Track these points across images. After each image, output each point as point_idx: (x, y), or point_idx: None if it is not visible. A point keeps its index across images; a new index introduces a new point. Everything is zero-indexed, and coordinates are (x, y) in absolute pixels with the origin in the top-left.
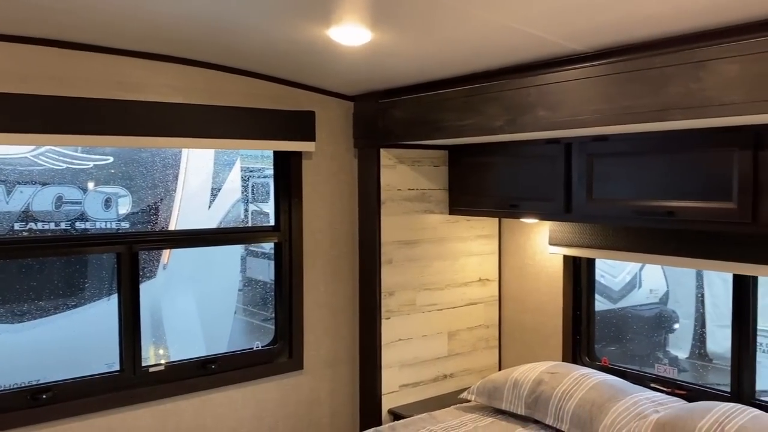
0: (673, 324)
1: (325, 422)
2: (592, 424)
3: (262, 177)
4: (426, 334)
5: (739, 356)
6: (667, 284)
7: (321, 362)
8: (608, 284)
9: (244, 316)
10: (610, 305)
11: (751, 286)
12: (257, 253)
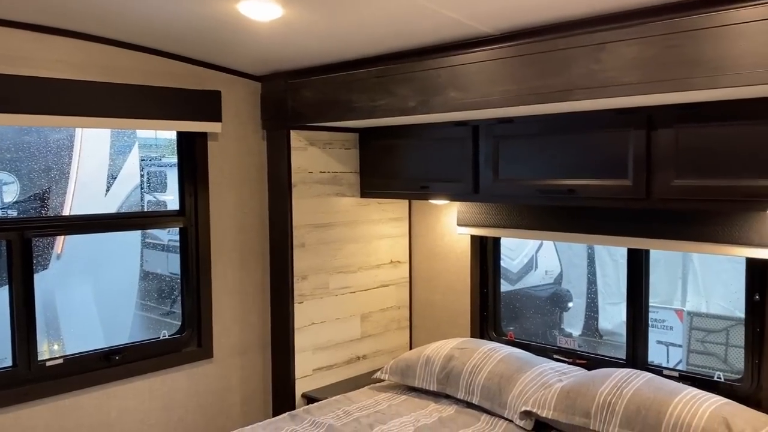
0: (568, 303)
1: (237, 410)
2: (501, 396)
3: (160, 166)
4: (339, 317)
5: (634, 325)
6: (561, 266)
7: (231, 350)
8: (507, 267)
9: (142, 311)
10: (510, 287)
11: (644, 259)
12: (154, 245)
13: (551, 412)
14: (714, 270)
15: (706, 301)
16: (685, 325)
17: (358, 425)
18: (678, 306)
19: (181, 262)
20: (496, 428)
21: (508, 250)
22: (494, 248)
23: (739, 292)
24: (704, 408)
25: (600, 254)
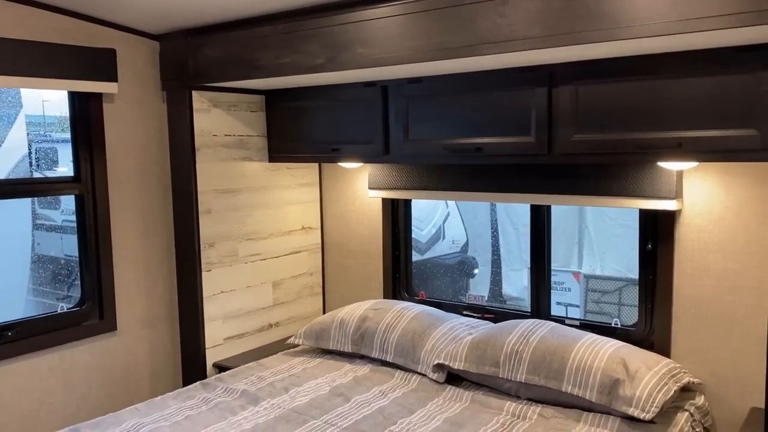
0: (474, 269)
1: (145, 384)
2: (415, 352)
3: (50, 141)
4: (250, 284)
5: (537, 279)
6: (467, 235)
7: (136, 322)
8: (416, 237)
9: (36, 297)
10: (419, 256)
11: (546, 216)
12: (48, 227)
13: (462, 364)
14: (607, 235)
15: (600, 264)
16: (582, 286)
17: (272, 389)
18: (575, 269)
19: (78, 231)
20: (410, 383)
21: (416, 221)
22: (405, 211)
23: (629, 254)
24: (603, 351)
25: (503, 223)
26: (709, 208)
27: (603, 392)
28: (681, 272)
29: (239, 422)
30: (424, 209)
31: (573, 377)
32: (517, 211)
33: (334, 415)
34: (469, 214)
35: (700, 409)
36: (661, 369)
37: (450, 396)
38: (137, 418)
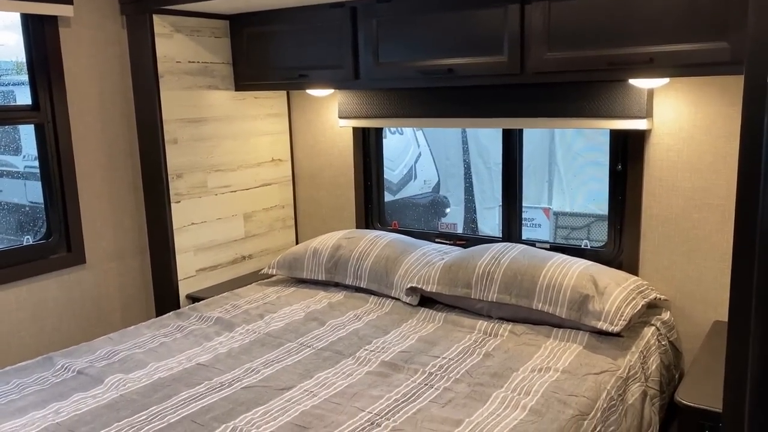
0: (445, 209)
1: (117, 317)
2: (388, 277)
3: (5, 85)
4: (221, 216)
5: (508, 203)
6: (439, 175)
7: (105, 255)
8: (388, 177)
9: (0, 245)
10: (390, 197)
11: (518, 141)
12: (9, 173)
13: (435, 286)
14: (576, 173)
15: (569, 201)
16: (552, 222)
17: (247, 316)
18: (545, 206)
19: (40, 163)
20: (384, 307)
21: (387, 161)
22: (376, 140)
23: (598, 191)
24: (573, 269)
25: (475, 163)
26: (679, 126)
27: (573, 308)
28: (649, 192)
29: (214, 347)
30: (396, 149)
31: (543, 295)
32: (489, 150)
33: (309, 338)
34: (440, 154)
35: (665, 323)
36: (629, 285)
37: (423, 317)
38: (111, 346)
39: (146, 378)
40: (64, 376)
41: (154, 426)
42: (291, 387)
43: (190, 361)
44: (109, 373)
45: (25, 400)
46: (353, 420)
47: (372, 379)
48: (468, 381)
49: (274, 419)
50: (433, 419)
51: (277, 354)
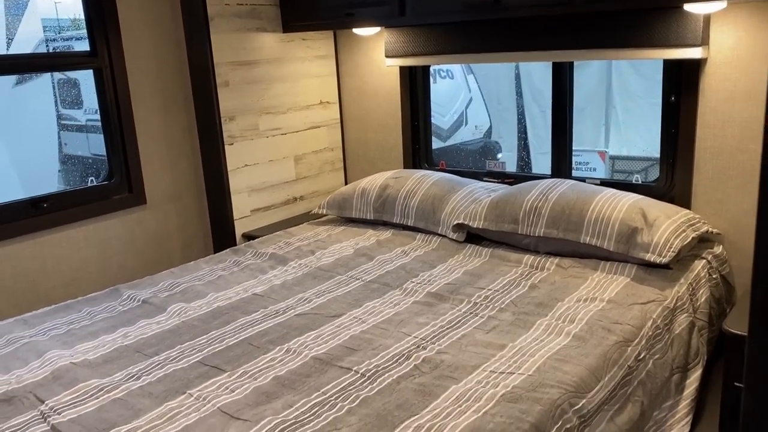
0: (497, 154)
1: (177, 255)
2: (435, 215)
3: (65, 40)
4: (272, 158)
5: (557, 142)
6: (490, 120)
7: (164, 196)
8: (438, 123)
9: None
10: (440, 143)
11: (568, 78)
12: (73, 126)
13: (482, 222)
14: (634, 115)
15: (627, 145)
16: (607, 166)
17: (299, 252)
18: (601, 148)
19: (99, 107)
20: (431, 244)
21: (437, 107)
22: (423, 79)
23: (656, 135)
24: (623, 203)
25: (529, 107)
26: (736, 54)
27: (621, 241)
28: (704, 124)
29: (269, 279)
30: (446, 95)
31: (591, 228)
32: (543, 93)
33: (358, 271)
34: (492, 98)
35: (717, 257)
36: (679, 218)
37: (470, 253)
38: (172, 279)
39: (206, 306)
40: (130, 305)
41: (214, 348)
42: (341, 314)
43: (247, 291)
44: (171, 303)
45: (96, 325)
46: (400, 343)
47: (418, 308)
48: (512, 310)
49: (325, 342)
50: (477, 343)
51: (327, 286)
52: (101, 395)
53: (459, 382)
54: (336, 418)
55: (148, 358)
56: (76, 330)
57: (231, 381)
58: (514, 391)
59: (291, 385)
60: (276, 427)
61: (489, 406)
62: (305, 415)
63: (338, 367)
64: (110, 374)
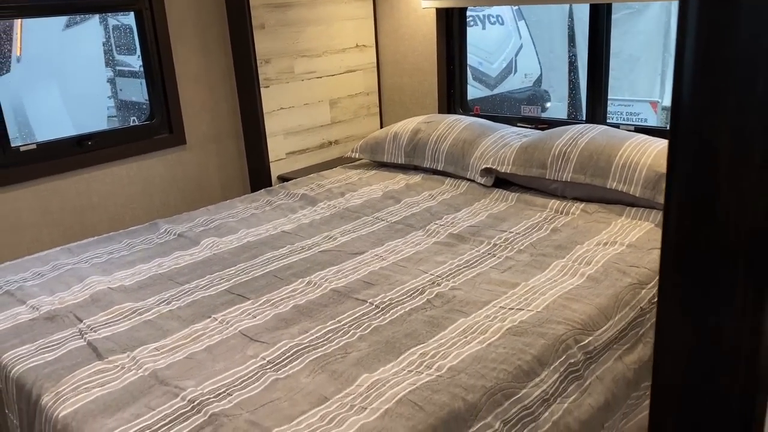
0: (546, 103)
1: (217, 194)
2: (464, 159)
3: None
4: (307, 102)
5: (593, 87)
6: (541, 68)
7: (204, 137)
8: (485, 71)
9: None
10: (487, 92)
11: (605, 21)
12: (127, 72)
13: (510, 167)
14: None
15: None
16: (659, 117)
17: (330, 194)
18: (655, 99)
19: (140, 49)
20: (459, 188)
21: (486, 54)
22: (460, 22)
23: None
24: (652, 149)
25: (583, 56)
26: None
27: (648, 187)
28: None
29: (298, 218)
30: (495, 42)
31: (618, 174)
32: None
33: (384, 213)
34: (544, 46)
35: None
36: None
37: (497, 197)
38: (208, 216)
39: (237, 241)
40: (167, 238)
41: (240, 278)
42: (363, 252)
43: (276, 229)
44: (204, 237)
45: (134, 256)
46: (416, 279)
47: (438, 248)
48: (531, 252)
49: (345, 276)
50: (490, 281)
51: (353, 225)
52: (134, 317)
53: (468, 316)
54: (347, 344)
55: (179, 285)
56: (115, 259)
57: (253, 308)
58: (521, 326)
59: (308, 314)
60: (290, 349)
61: (494, 338)
62: (319, 340)
63: (354, 299)
64: (143, 299)
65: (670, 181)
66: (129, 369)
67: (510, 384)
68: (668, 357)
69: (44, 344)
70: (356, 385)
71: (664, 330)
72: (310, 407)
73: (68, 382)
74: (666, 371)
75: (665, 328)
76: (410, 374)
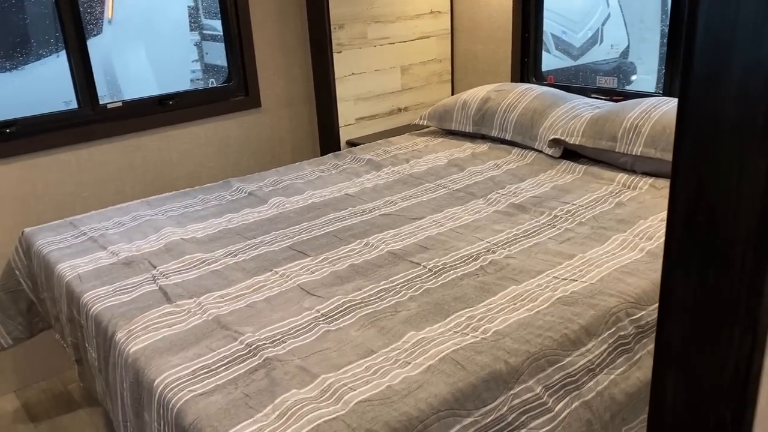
0: (630, 76)
1: (287, 157)
2: (533, 129)
3: None
4: (379, 68)
5: (672, 57)
6: (629, 39)
7: (278, 101)
8: (569, 40)
9: None
10: (570, 62)
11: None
12: (214, 36)
13: (579, 139)
14: None
15: None
16: None
17: (395, 160)
18: None
19: (220, 11)
20: (526, 158)
21: (570, 23)
22: None
23: None
24: None
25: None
26: None
27: None
28: None
29: (362, 182)
30: (580, 11)
31: None
32: None
33: (447, 180)
34: (634, 16)
35: None
36: None
37: (563, 169)
38: (277, 176)
39: (302, 201)
40: (238, 196)
41: (302, 236)
42: (422, 217)
43: (340, 191)
44: (272, 196)
45: (207, 211)
46: (471, 246)
47: (497, 216)
48: (592, 224)
49: (401, 239)
50: (547, 252)
51: (415, 191)
52: (202, 266)
53: (520, 284)
54: (397, 303)
55: (246, 240)
56: (189, 213)
57: (313, 264)
58: (572, 296)
59: (363, 273)
60: (343, 304)
61: (543, 306)
62: (371, 297)
63: (409, 261)
64: (212, 251)
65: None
66: (194, 313)
67: (554, 351)
68: (671, 313)
69: (120, 287)
70: (402, 341)
71: (667, 286)
72: (357, 358)
73: (139, 322)
74: (669, 327)
75: (669, 284)
76: (456, 335)
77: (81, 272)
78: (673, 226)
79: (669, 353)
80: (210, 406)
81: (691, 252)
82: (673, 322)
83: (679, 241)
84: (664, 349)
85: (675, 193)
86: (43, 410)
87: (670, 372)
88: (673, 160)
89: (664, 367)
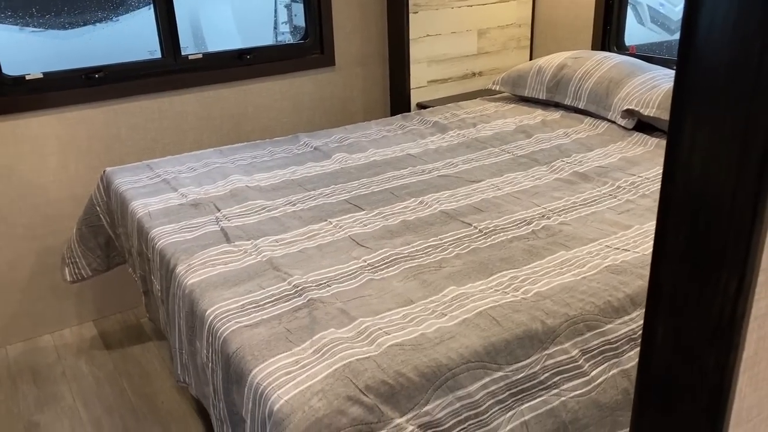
0: None
1: (358, 116)
2: (608, 99)
3: None
4: (455, 30)
5: None
6: None
7: (352, 60)
8: (667, 14)
9: None
10: (667, 36)
11: None
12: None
13: (654, 111)
14: None
15: None
16: None
17: (462, 123)
18: None
19: None
20: (598, 128)
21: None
22: None
23: None
24: None
25: None
26: None
27: None
28: None
29: (426, 143)
30: None
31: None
32: None
33: (512, 146)
34: None
35: None
36: None
37: (635, 141)
38: (344, 134)
39: (364, 159)
40: (304, 150)
41: (360, 192)
42: (480, 180)
43: (403, 151)
44: (336, 152)
45: (274, 162)
46: (526, 211)
47: (558, 184)
48: (655, 197)
49: (456, 201)
50: (603, 221)
51: (477, 155)
52: (263, 212)
53: (570, 250)
54: (443, 259)
55: (306, 191)
56: (257, 163)
57: (366, 218)
58: (621, 265)
59: (414, 229)
60: (390, 256)
61: (590, 273)
62: (417, 252)
63: (461, 221)
64: (273, 199)
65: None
66: (250, 254)
67: (595, 317)
68: (662, 260)
69: (186, 225)
70: (442, 294)
71: (660, 235)
72: (396, 306)
73: (199, 258)
74: (659, 276)
75: (661, 233)
76: (496, 293)
77: (152, 210)
78: (667, 179)
79: (660, 297)
80: (253, 337)
81: (683, 199)
82: (664, 266)
83: (668, 193)
84: (655, 292)
85: (672, 146)
86: (117, 340)
87: (660, 316)
88: (671, 109)
89: (655, 312)
